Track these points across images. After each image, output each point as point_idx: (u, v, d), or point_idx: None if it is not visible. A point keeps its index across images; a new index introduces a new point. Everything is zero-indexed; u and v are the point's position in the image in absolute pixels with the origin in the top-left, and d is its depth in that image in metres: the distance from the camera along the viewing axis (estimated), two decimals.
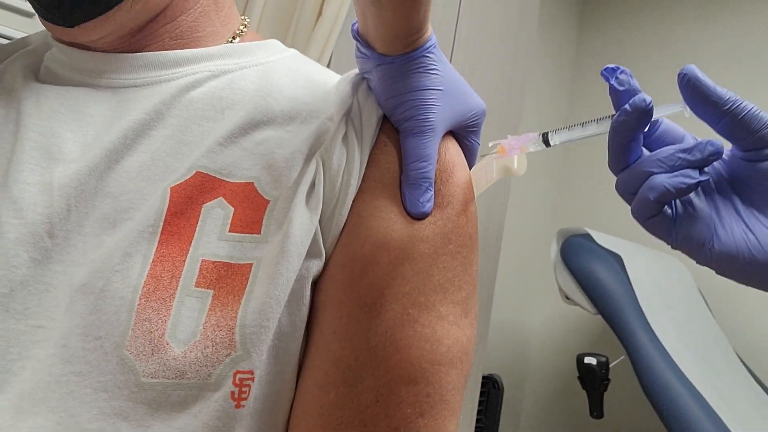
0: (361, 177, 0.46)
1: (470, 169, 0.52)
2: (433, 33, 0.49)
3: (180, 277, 0.41)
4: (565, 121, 3.11)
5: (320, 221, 0.45)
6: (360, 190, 0.46)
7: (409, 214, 0.45)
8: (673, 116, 0.46)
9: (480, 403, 1.99)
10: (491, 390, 2.18)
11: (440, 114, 0.47)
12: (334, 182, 0.45)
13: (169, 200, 0.43)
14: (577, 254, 2.07)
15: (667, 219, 0.42)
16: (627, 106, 0.42)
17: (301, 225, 0.43)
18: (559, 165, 3.10)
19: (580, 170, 3.01)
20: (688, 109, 0.43)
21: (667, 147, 0.43)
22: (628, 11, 3.00)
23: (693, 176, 0.40)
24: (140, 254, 0.42)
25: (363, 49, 0.49)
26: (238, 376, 0.40)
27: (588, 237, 2.10)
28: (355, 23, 0.49)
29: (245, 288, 0.42)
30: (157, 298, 0.41)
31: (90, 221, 0.43)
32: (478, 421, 2.02)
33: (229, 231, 0.44)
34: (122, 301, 0.40)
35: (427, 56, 0.47)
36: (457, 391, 0.45)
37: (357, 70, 0.52)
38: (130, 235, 0.42)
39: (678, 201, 0.42)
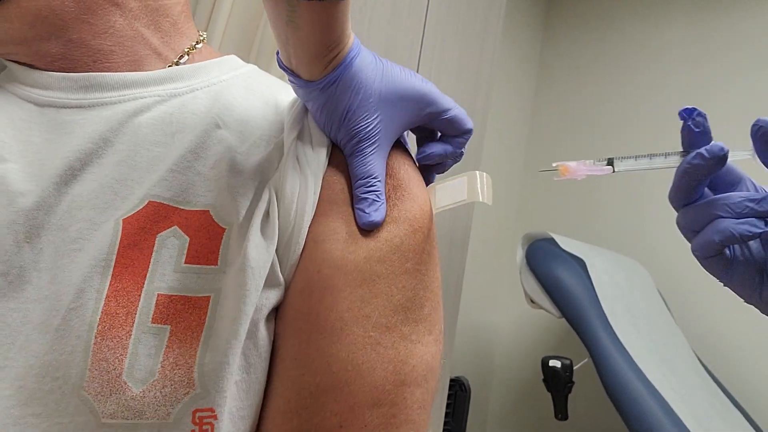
0: (316, 202, 0.45)
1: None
2: (354, 37, 0.47)
3: (136, 314, 0.40)
4: (528, 135, 3.16)
5: (277, 250, 0.44)
6: (315, 214, 0.45)
7: (359, 227, 0.45)
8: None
9: (447, 405, 2.01)
10: (458, 392, 2.19)
11: (379, 126, 0.46)
12: (288, 210, 0.45)
13: (122, 232, 0.42)
14: (542, 258, 2.10)
15: (724, 260, 0.44)
16: (704, 151, 0.44)
17: (258, 256, 0.42)
18: (523, 170, 3.13)
19: (541, 176, 3.04)
20: (757, 158, 0.45)
21: (736, 193, 0.45)
22: (590, 27, 3.05)
23: (759, 226, 0.42)
24: (93, 290, 0.40)
25: (291, 78, 0.48)
26: (198, 414, 0.40)
27: (552, 241, 2.13)
28: (278, 52, 0.48)
29: (204, 323, 0.41)
30: (112, 336, 0.39)
31: (44, 256, 0.42)
32: (445, 423, 2.03)
33: (185, 262, 0.42)
34: (78, 340, 0.39)
35: (350, 70, 0.45)
36: (423, 409, 0.45)
37: None
38: (82, 269, 0.41)
39: (737, 245, 0.45)
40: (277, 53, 0.48)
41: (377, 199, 0.45)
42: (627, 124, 2.81)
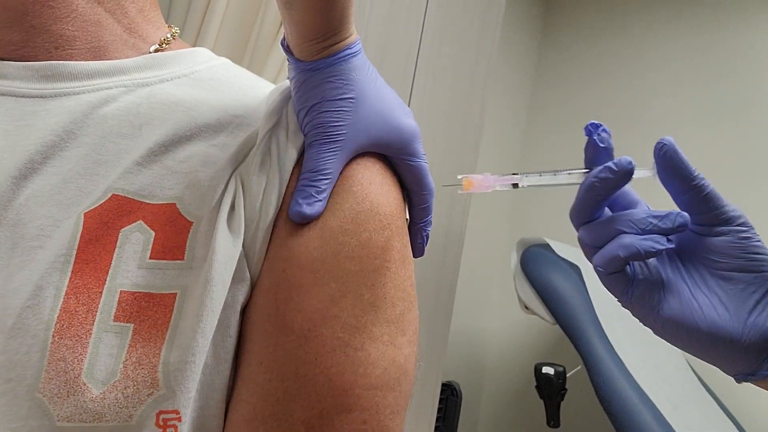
0: (282, 196, 0.43)
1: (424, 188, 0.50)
2: (358, 40, 0.46)
3: (97, 311, 0.38)
4: (523, 139, 3.15)
5: (243, 245, 0.42)
6: (281, 209, 0.43)
7: (289, 217, 0.42)
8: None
9: (438, 410, 1.99)
10: (450, 397, 2.18)
11: (348, 128, 0.44)
12: (254, 202, 0.43)
13: (83, 226, 0.40)
14: (537, 264, 2.09)
15: (626, 277, 0.44)
16: (613, 165, 0.45)
17: (225, 250, 0.40)
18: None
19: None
20: (657, 177, 0.47)
21: (638, 210, 0.46)
22: (588, 33, 3.05)
23: (662, 242, 0.43)
24: (52, 287, 0.38)
25: (287, 56, 0.46)
26: (162, 416, 0.37)
27: (547, 247, 2.12)
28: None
29: (169, 321, 0.39)
30: (71, 335, 0.37)
31: (0, 253, 0.40)
32: (436, 429, 2.01)
33: (150, 258, 0.40)
34: (34, 339, 0.37)
35: (342, 64, 0.44)
36: (397, 414, 0.43)
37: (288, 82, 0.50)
38: (40, 266, 0.38)
39: (637, 263, 0.45)
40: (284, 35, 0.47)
41: (315, 196, 0.42)
42: (622, 131, 2.80)
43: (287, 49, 0.46)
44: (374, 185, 0.46)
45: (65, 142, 0.43)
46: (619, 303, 0.47)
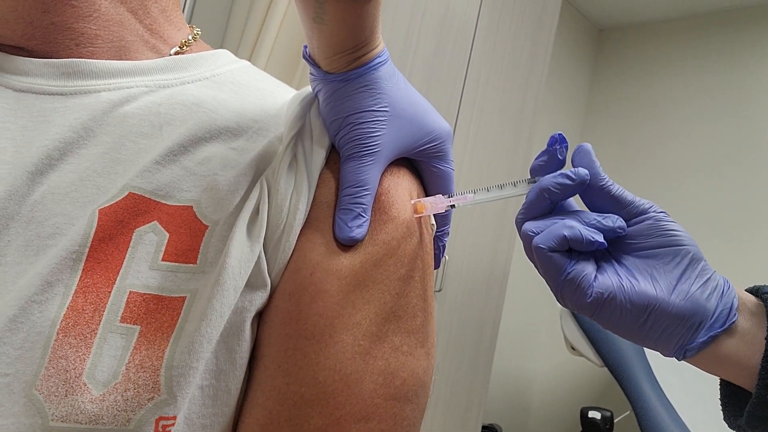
0: (310, 202, 0.43)
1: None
2: (385, 48, 0.46)
3: (104, 311, 0.37)
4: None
5: (266, 250, 0.41)
6: (308, 215, 0.43)
7: (336, 239, 0.42)
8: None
9: None
10: None
11: (384, 138, 0.44)
12: (281, 207, 0.42)
13: (97, 223, 0.39)
14: None
15: (564, 258, 0.45)
16: (570, 173, 0.47)
17: (240, 255, 0.40)
18: None
19: None
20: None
21: (585, 211, 0.48)
22: (639, 71, 3.01)
23: (601, 239, 0.45)
24: (62, 284, 0.37)
25: (312, 70, 0.46)
26: (161, 422, 0.36)
27: None
28: (305, 46, 0.47)
29: (175, 324, 0.38)
30: (76, 333, 0.36)
31: (12, 250, 0.39)
32: None
33: (162, 259, 0.40)
34: (38, 336, 0.36)
35: (373, 73, 0.44)
36: (413, 427, 0.42)
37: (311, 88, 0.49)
38: (52, 262, 0.38)
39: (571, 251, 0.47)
40: (305, 47, 0.47)
41: (363, 215, 0.42)
42: (671, 170, 2.74)
43: (312, 61, 0.46)
44: (402, 194, 0.45)
45: (84, 139, 0.43)
46: (552, 291, 0.47)
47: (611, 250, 0.48)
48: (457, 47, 1.74)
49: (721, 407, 0.50)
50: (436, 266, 0.51)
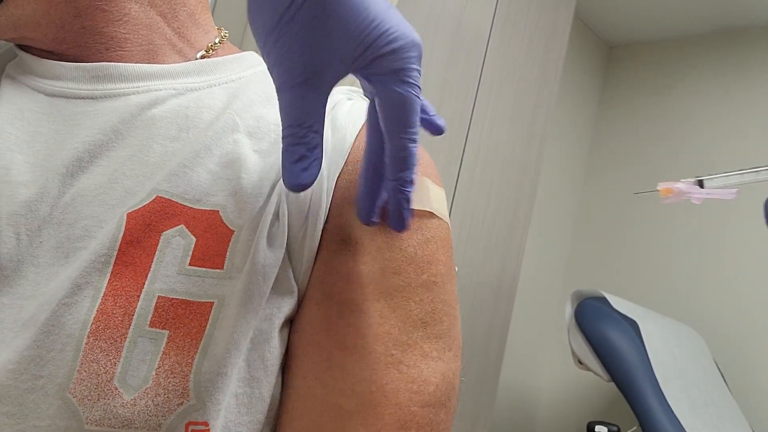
0: (328, 206, 0.43)
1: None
2: None
3: (133, 315, 0.37)
4: (582, 186, 3.10)
5: (290, 255, 0.42)
6: (328, 216, 0.43)
7: (286, 186, 0.37)
8: None
9: None
10: None
11: (321, 51, 0.35)
12: (301, 212, 0.42)
13: (125, 227, 0.39)
14: (592, 317, 2.02)
15: None
16: None
17: (264, 260, 0.40)
18: (572, 226, 3.07)
19: (593, 232, 2.99)
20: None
21: None
22: (649, 86, 3.02)
23: None
24: (91, 287, 0.38)
25: None
26: (191, 427, 0.37)
27: (603, 300, 2.06)
28: None
29: (204, 330, 0.38)
30: (106, 337, 0.37)
31: (44, 251, 0.39)
32: None
33: (190, 264, 0.40)
34: (69, 338, 0.36)
35: None
36: (448, 431, 0.43)
37: (335, 91, 0.48)
38: (82, 265, 0.38)
39: None
40: None
41: (307, 154, 0.36)
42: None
43: None
44: (429, 188, 0.45)
45: (113, 141, 0.43)
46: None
47: None
48: (469, 60, 1.75)
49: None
50: (398, 227, 0.42)
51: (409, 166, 0.39)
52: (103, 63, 0.46)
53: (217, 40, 0.53)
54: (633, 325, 2.01)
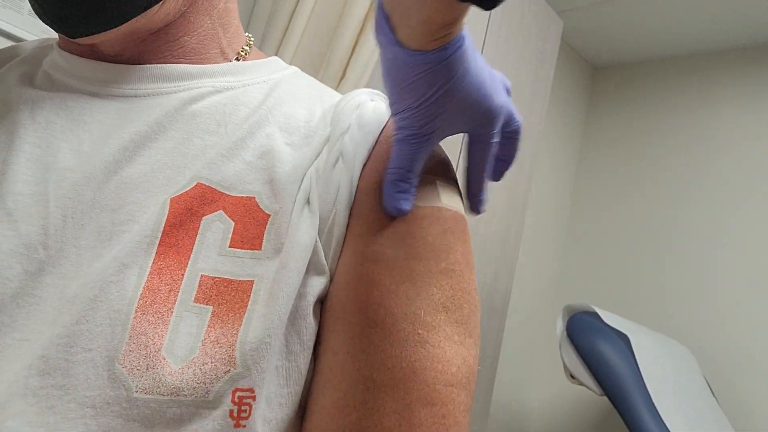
0: (353, 193, 0.46)
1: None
2: (465, 27, 0.42)
3: (178, 292, 0.40)
4: (570, 204, 3.14)
5: (320, 238, 0.44)
6: (354, 204, 0.46)
7: (385, 210, 0.44)
8: None
9: None
10: None
11: (439, 123, 0.44)
12: (330, 198, 0.45)
13: (169, 211, 0.42)
14: (584, 332, 2.03)
15: None
16: None
17: (300, 239, 0.43)
18: (564, 240, 3.10)
19: (583, 247, 3.02)
20: None
21: None
22: (632, 108, 3.09)
23: None
24: (137, 266, 0.40)
25: (384, 29, 0.42)
26: (238, 393, 0.39)
27: (594, 315, 2.07)
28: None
29: (246, 306, 0.41)
30: (154, 311, 0.39)
31: (86, 233, 0.42)
32: None
33: (230, 246, 0.43)
34: (117, 313, 0.38)
35: (448, 56, 0.41)
36: (467, 413, 0.44)
37: (359, 93, 0.52)
38: (127, 246, 0.41)
39: None
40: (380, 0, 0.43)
41: (408, 192, 0.45)
42: (667, 200, 2.78)
43: (386, 19, 0.42)
44: (438, 187, 0.48)
45: (156, 133, 0.46)
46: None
47: None
48: None
49: None
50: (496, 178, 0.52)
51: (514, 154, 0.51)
52: (157, 65, 0.50)
53: (246, 46, 0.57)
54: (624, 339, 2.02)
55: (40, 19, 0.47)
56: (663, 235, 2.77)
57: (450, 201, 0.48)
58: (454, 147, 1.77)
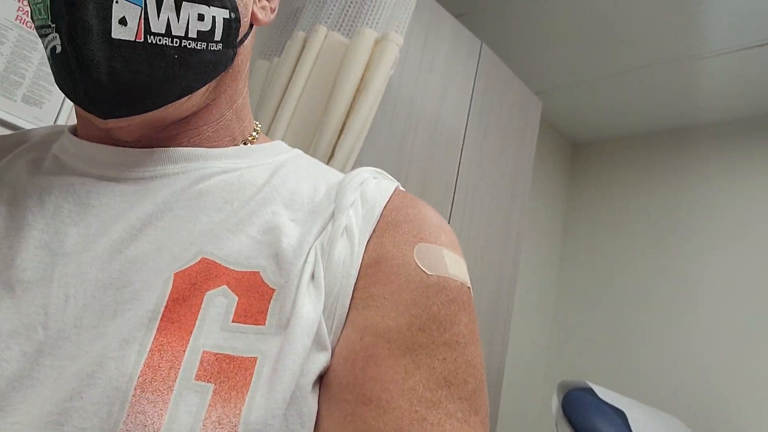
0: (359, 267, 0.46)
1: None
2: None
3: (179, 369, 0.38)
4: (557, 281, 3.15)
5: (324, 313, 0.43)
6: (357, 278, 0.45)
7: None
8: None
9: None
10: None
11: None
12: (335, 273, 0.45)
13: (172, 286, 0.42)
14: (580, 409, 2.00)
15: None
16: None
17: (306, 315, 0.42)
18: (553, 316, 3.09)
19: (573, 321, 3.01)
20: None
21: None
22: (611, 173, 3.16)
23: None
24: (137, 342, 0.39)
25: None
26: None
27: (590, 391, 2.04)
28: None
29: (249, 384, 0.39)
30: (153, 389, 0.37)
31: (88, 312, 0.41)
32: None
33: (233, 321, 0.41)
34: (116, 391, 0.37)
35: None
36: None
37: (362, 170, 0.54)
38: (129, 322, 0.40)
39: None
40: None
41: None
42: (648, 276, 2.80)
43: None
44: (445, 257, 0.47)
45: (163, 212, 0.47)
46: None
47: None
48: (447, 157, 1.83)
49: None
50: None
51: None
52: (171, 148, 0.51)
53: (254, 131, 0.59)
54: (621, 415, 1.98)
55: (69, 97, 0.46)
56: (649, 305, 2.77)
57: (456, 271, 0.48)
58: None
